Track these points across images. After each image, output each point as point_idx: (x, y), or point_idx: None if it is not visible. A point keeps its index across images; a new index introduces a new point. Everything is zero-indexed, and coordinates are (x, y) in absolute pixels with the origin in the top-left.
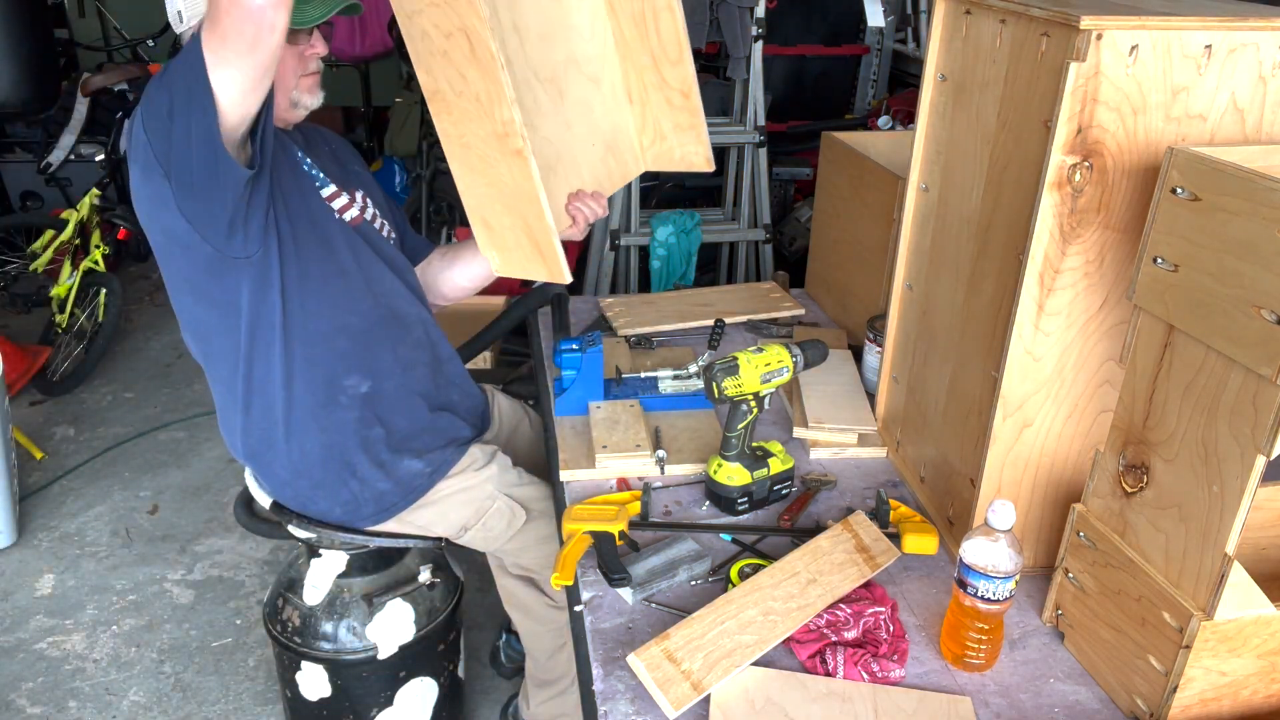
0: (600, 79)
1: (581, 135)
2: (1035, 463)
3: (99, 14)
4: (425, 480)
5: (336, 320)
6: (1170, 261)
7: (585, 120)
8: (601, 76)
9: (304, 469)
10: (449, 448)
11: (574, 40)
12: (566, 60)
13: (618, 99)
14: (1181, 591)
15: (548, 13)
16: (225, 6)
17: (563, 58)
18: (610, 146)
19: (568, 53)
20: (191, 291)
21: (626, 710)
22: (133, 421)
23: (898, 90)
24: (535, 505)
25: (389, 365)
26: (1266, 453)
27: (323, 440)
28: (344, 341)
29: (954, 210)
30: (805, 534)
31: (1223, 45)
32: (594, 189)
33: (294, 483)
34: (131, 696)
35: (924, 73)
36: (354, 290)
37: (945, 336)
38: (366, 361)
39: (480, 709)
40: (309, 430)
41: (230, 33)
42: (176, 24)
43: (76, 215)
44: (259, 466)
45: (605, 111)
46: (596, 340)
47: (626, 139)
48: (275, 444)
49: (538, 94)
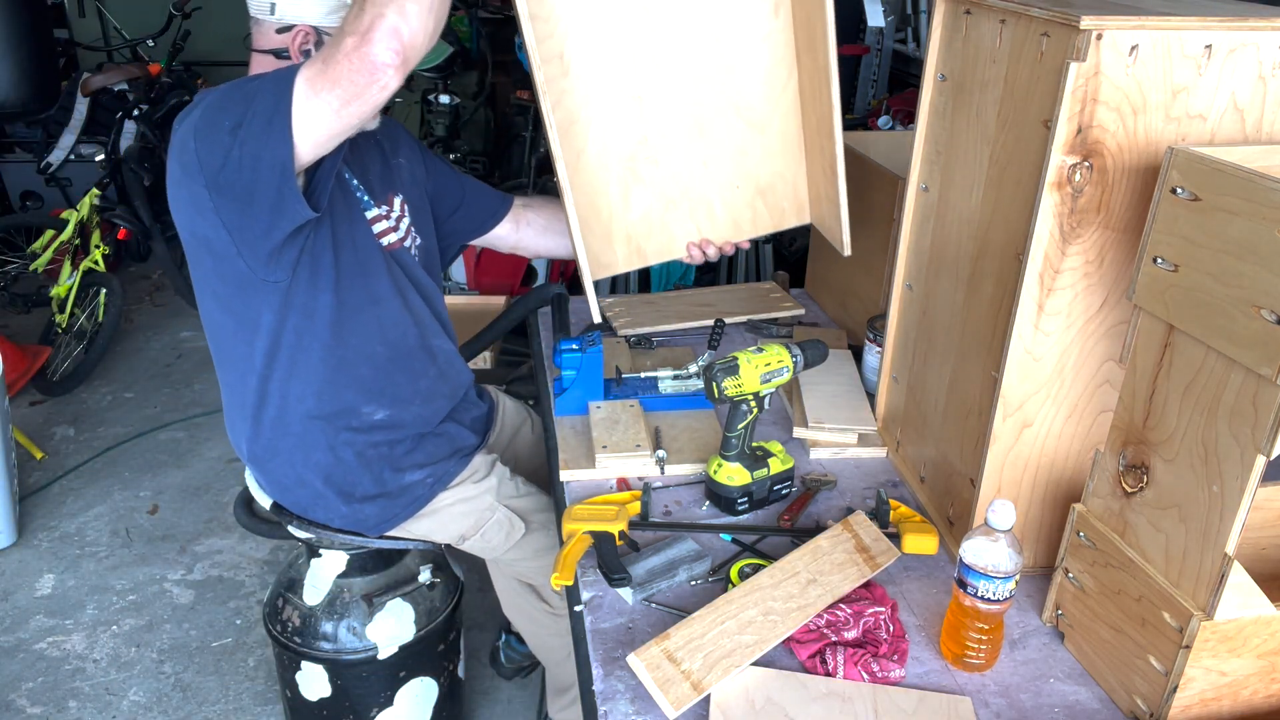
0: (766, 126)
1: (723, 176)
2: (1035, 463)
3: (99, 14)
4: (427, 491)
5: (364, 348)
6: (1170, 261)
7: (732, 162)
8: (769, 124)
9: (307, 480)
10: (452, 458)
11: (740, 85)
12: (722, 103)
13: (788, 149)
14: (1181, 591)
15: (706, 55)
16: (347, 53)
17: (715, 100)
18: (763, 191)
19: (726, 97)
20: (214, 296)
21: (626, 710)
22: (133, 421)
23: (897, 90)
24: (534, 516)
25: (409, 395)
26: (1266, 453)
27: (329, 458)
28: (367, 369)
29: (954, 210)
30: (805, 534)
31: (1223, 45)
32: (730, 231)
33: (295, 490)
34: (131, 696)
35: (924, 73)
36: (385, 319)
37: (945, 336)
38: (387, 391)
39: (480, 709)
40: (316, 447)
41: (343, 81)
42: (264, 13)
43: (76, 215)
44: (261, 471)
45: (765, 158)
46: (596, 340)
47: (788, 188)
48: (280, 454)
49: (670, 126)
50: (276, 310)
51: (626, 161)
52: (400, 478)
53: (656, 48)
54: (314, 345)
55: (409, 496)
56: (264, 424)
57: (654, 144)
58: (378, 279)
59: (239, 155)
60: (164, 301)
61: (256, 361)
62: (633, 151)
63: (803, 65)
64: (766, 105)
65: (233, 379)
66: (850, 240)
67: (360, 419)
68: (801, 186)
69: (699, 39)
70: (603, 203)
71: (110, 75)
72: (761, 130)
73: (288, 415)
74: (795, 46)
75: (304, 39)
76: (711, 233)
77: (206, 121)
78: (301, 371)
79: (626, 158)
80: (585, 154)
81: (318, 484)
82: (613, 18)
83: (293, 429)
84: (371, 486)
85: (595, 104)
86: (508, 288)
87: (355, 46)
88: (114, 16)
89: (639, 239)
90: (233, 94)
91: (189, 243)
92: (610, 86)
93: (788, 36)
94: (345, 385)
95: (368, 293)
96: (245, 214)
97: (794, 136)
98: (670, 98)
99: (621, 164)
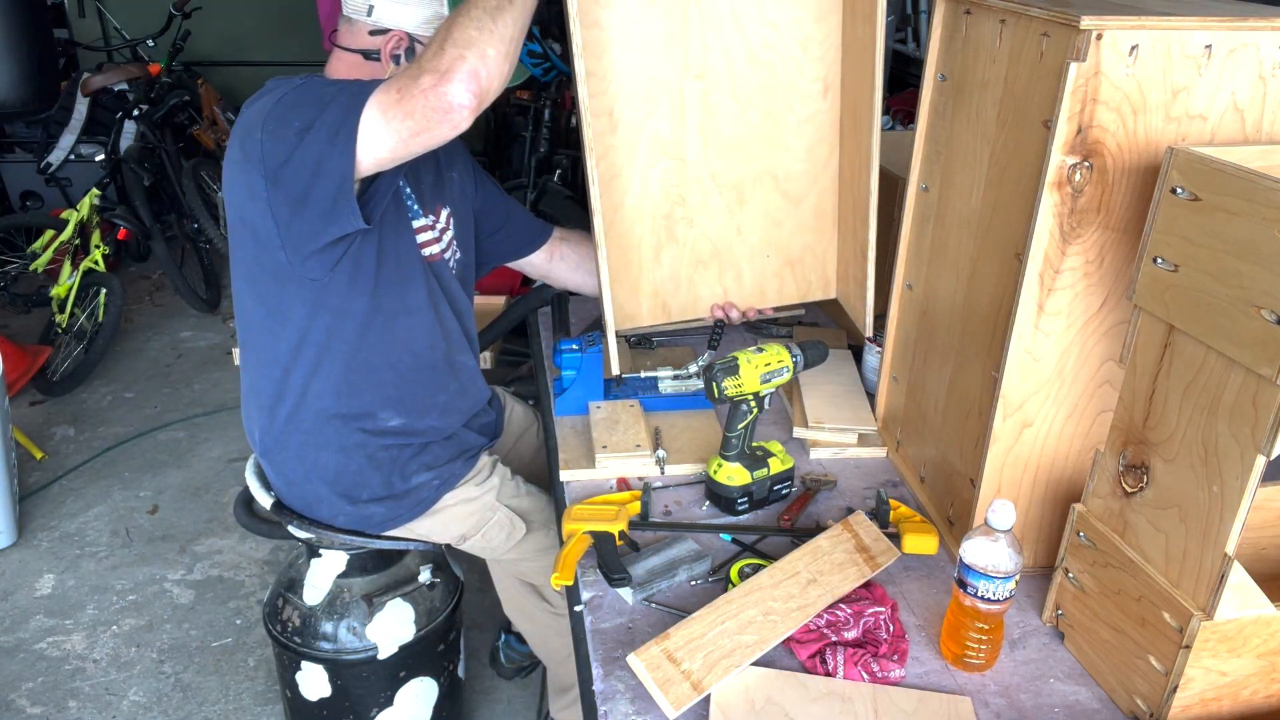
0: (803, 201)
1: (754, 243)
2: (1035, 463)
3: (99, 14)
4: (433, 493)
5: (390, 356)
6: (1170, 261)
7: (765, 231)
8: (805, 199)
9: (315, 476)
10: (459, 460)
11: (782, 159)
12: (762, 174)
13: (822, 225)
14: (1181, 591)
15: (753, 127)
16: (424, 90)
17: (756, 170)
18: (792, 263)
19: (767, 168)
20: (249, 282)
21: (626, 710)
22: (133, 421)
23: (897, 90)
24: (534, 516)
25: (426, 407)
26: (1266, 453)
27: (340, 458)
28: (390, 376)
29: (954, 210)
30: (805, 534)
31: (1223, 45)
32: (755, 297)
33: (302, 485)
34: (131, 696)
35: (924, 73)
36: (416, 330)
37: (945, 336)
38: (406, 400)
39: (480, 709)
40: (328, 445)
41: (416, 114)
42: (360, 13)
43: (76, 215)
44: (270, 463)
45: (798, 231)
46: (596, 340)
47: (818, 263)
48: (290, 447)
49: (709, 192)
50: (309, 307)
51: (662, 220)
52: (407, 480)
53: (705, 115)
54: (341, 346)
55: (415, 498)
56: (279, 416)
57: (691, 205)
58: (415, 289)
59: (301, 158)
60: (164, 301)
61: (281, 353)
62: (669, 211)
63: (845, 147)
64: (806, 180)
65: (254, 367)
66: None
67: (375, 423)
68: (831, 263)
69: (747, 112)
70: (634, 256)
71: (110, 75)
72: (798, 204)
73: (304, 411)
74: (840, 128)
75: (397, 44)
76: (737, 297)
77: (276, 118)
78: (325, 370)
79: (663, 216)
80: (623, 208)
81: (327, 482)
82: (666, 84)
83: (306, 424)
84: (380, 489)
85: (638, 162)
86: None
87: (433, 85)
88: (114, 16)
89: (665, 295)
90: (307, 95)
91: (234, 225)
92: (655, 147)
93: (834, 117)
94: (365, 389)
95: (403, 302)
96: (297, 213)
97: (829, 213)
98: (713, 164)
99: (657, 221)
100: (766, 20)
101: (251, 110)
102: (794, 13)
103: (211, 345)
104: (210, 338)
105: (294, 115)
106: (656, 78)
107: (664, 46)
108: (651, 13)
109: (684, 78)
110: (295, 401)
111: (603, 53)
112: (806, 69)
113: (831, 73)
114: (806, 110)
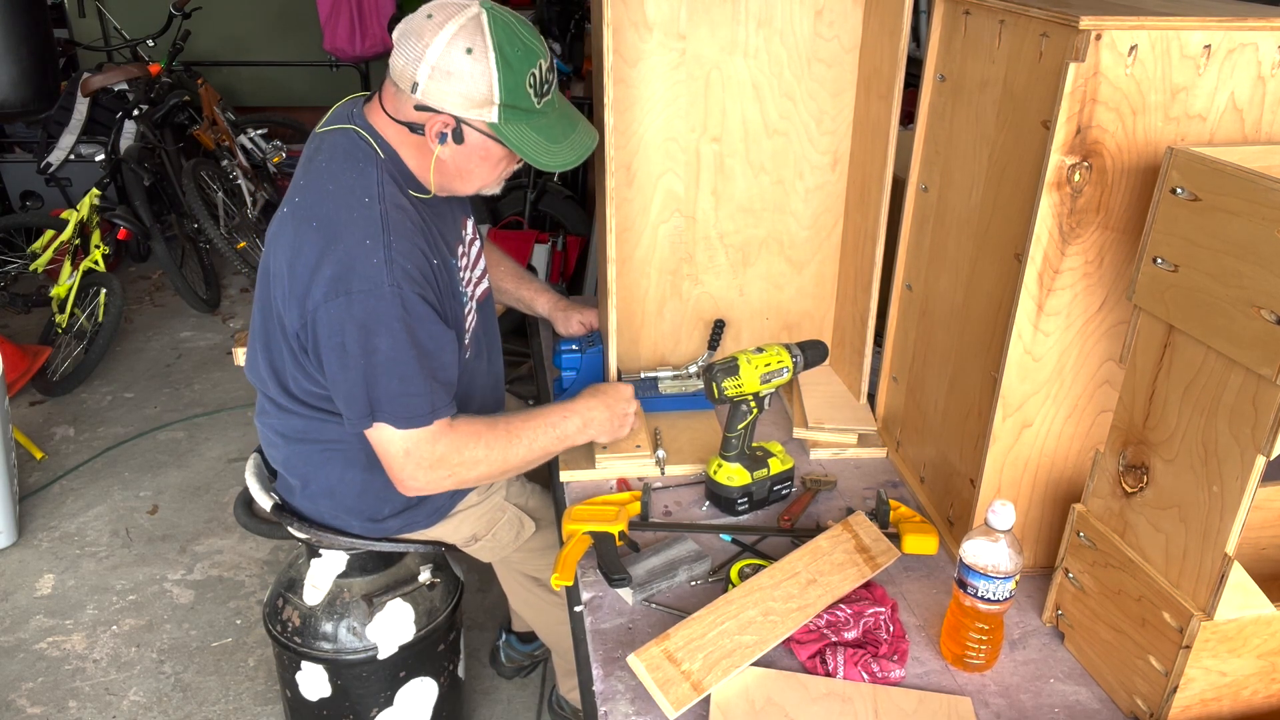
0: (805, 266)
1: (755, 305)
2: (1035, 463)
3: (99, 14)
4: (449, 501)
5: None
6: (1170, 261)
7: (766, 295)
8: (808, 265)
9: (339, 496)
10: None
11: (787, 225)
12: (767, 238)
13: (822, 292)
14: (1181, 591)
15: (763, 192)
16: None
17: (763, 234)
18: (790, 327)
19: (773, 231)
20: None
21: (626, 710)
22: (133, 421)
23: None
24: (541, 514)
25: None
26: (1266, 453)
27: (364, 478)
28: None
29: (953, 210)
30: (805, 534)
31: (1222, 45)
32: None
33: (321, 500)
34: (131, 696)
35: (923, 73)
36: (477, 376)
37: (945, 336)
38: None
39: (480, 709)
40: (354, 466)
41: (428, 489)
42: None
43: (76, 215)
44: (291, 473)
45: (799, 296)
46: (596, 340)
47: (815, 328)
48: (317, 466)
49: (716, 252)
50: None
51: (669, 275)
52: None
53: (719, 177)
54: None
55: (430, 507)
56: (306, 443)
57: (698, 263)
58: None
59: (332, 381)
60: (164, 301)
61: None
62: (676, 267)
63: (850, 218)
64: (809, 248)
65: (278, 400)
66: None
67: None
68: (828, 329)
69: (759, 177)
70: (638, 309)
71: (110, 75)
72: (800, 269)
73: (332, 442)
74: (846, 200)
75: (443, 126)
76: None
77: (329, 331)
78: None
79: (669, 272)
80: (632, 261)
81: (351, 500)
82: (684, 144)
83: (335, 453)
84: (400, 504)
85: (650, 216)
86: None
87: (431, 486)
88: (114, 16)
89: (664, 350)
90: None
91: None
92: (668, 203)
93: (840, 189)
94: None
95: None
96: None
97: (829, 281)
98: (722, 224)
99: (664, 276)
100: (785, 93)
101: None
102: (811, 87)
103: (211, 345)
104: (210, 338)
105: (340, 330)
106: (675, 138)
107: (685, 109)
108: (677, 76)
109: (702, 140)
110: (322, 434)
111: (627, 109)
112: (819, 141)
113: (842, 146)
114: (815, 180)
